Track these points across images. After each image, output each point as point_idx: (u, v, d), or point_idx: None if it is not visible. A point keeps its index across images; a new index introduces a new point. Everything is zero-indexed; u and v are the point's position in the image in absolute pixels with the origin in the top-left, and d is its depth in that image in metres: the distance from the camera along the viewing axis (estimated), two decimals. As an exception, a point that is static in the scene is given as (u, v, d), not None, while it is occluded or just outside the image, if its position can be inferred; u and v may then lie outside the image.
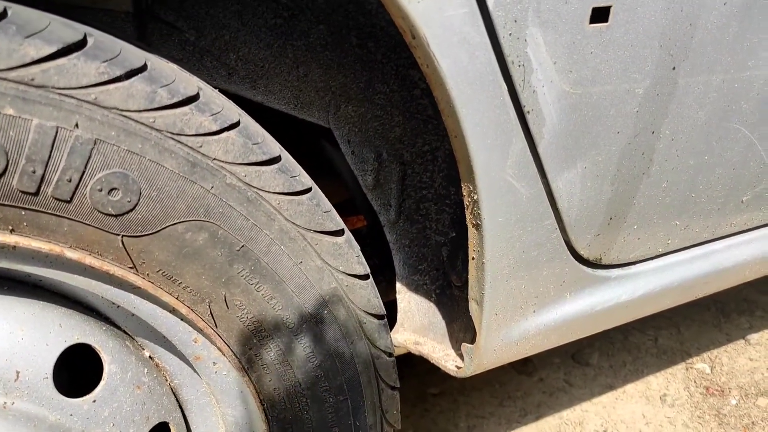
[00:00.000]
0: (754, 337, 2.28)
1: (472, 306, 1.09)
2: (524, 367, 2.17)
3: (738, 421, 1.86)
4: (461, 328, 1.26)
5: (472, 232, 1.01)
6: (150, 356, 0.93)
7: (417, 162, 1.28)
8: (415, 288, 1.34)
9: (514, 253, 1.04)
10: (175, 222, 0.77)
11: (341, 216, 1.26)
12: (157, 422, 0.90)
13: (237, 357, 0.90)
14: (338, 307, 0.93)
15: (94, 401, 0.83)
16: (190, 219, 0.78)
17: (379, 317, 1.00)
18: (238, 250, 0.82)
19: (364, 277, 0.97)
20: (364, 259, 0.98)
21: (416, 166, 1.28)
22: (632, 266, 1.27)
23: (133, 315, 0.86)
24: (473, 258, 1.03)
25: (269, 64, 1.16)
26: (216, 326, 0.86)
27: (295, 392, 0.95)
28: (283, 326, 0.90)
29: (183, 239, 0.78)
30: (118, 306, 0.85)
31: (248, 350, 0.90)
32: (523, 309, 1.14)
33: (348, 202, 1.50)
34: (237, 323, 0.87)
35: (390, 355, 1.05)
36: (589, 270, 1.19)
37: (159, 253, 0.78)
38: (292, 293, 0.88)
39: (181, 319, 0.86)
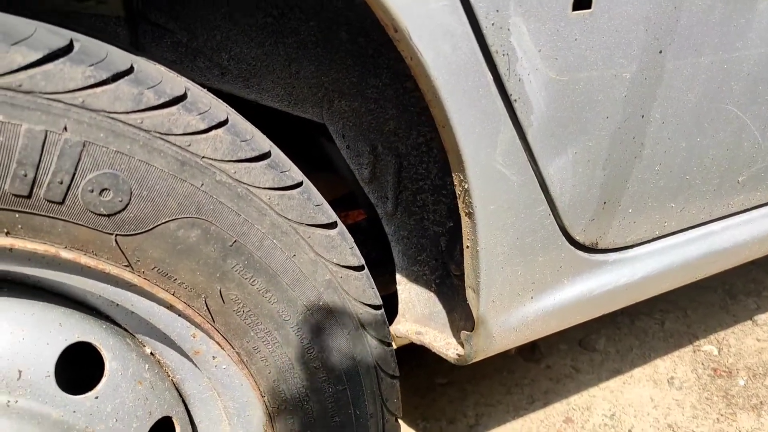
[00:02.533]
0: (761, 317, 2.27)
1: (469, 294, 1.10)
2: (531, 354, 2.18)
3: (746, 402, 1.86)
4: (462, 316, 1.27)
5: (465, 220, 1.01)
6: (151, 352, 0.94)
7: (412, 154, 1.29)
8: (415, 279, 1.35)
9: (508, 241, 1.05)
10: (167, 220, 0.78)
11: (342, 210, 1.26)
12: (160, 416, 0.92)
13: (235, 350, 0.91)
14: (333, 298, 0.95)
15: (97, 398, 0.85)
16: (182, 216, 0.79)
17: (375, 307, 1.02)
18: (231, 246, 0.84)
19: (359, 269, 0.98)
20: (358, 251, 0.99)
21: (412, 158, 1.29)
22: (630, 250, 1.27)
23: (132, 312, 0.88)
24: (467, 246, 1.04)
25: (261, 62, 1.17)
26: (213, 321, 0.88)
27: (294, 383, 0.97)
28: (279, 319, 0.91)
29: (176, 236, 0.80)
30: (117, 304, 0.87)
31: (246, 343, 0.91)
32: (520, 295, 1.15)
33: (349, 196, 1.51)
34: (233, 317, 0.89)
35: (388, 344, 1.06)
36: (586, 255, 1.20)
37: (153, 251, 0.80)
38: (287, 286, 0.90)
39: (179, 315, 0.88)
